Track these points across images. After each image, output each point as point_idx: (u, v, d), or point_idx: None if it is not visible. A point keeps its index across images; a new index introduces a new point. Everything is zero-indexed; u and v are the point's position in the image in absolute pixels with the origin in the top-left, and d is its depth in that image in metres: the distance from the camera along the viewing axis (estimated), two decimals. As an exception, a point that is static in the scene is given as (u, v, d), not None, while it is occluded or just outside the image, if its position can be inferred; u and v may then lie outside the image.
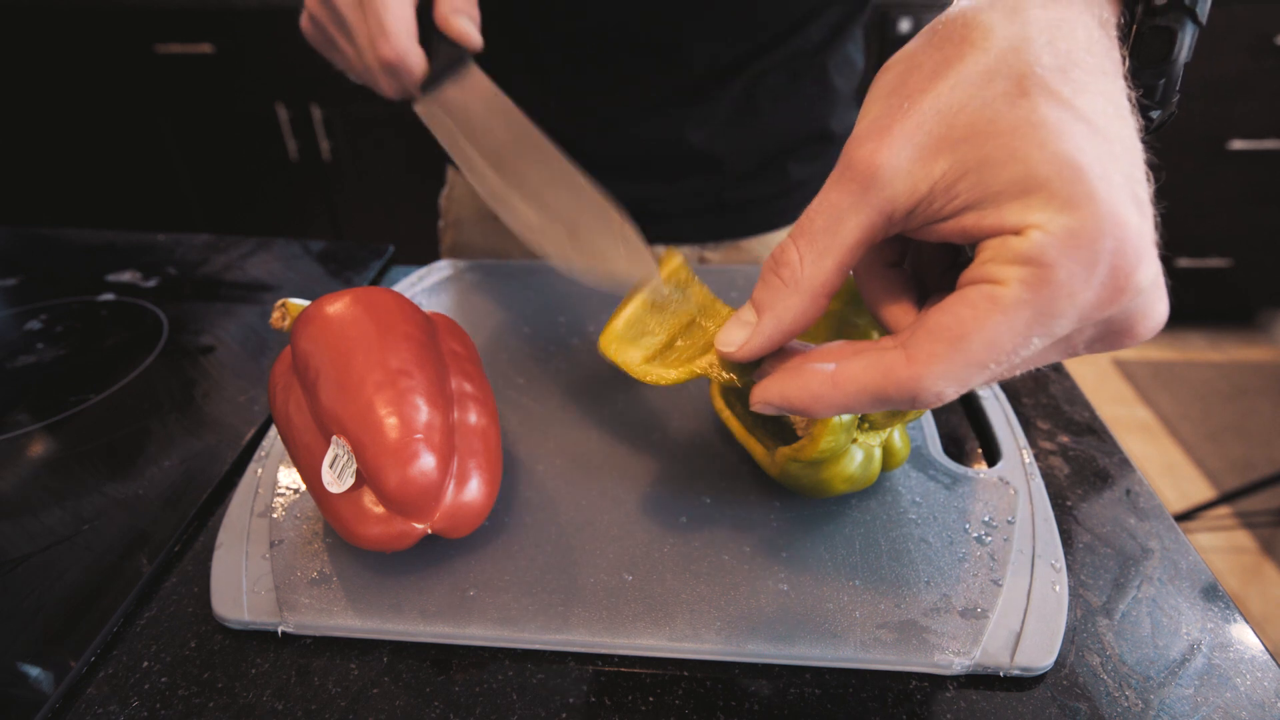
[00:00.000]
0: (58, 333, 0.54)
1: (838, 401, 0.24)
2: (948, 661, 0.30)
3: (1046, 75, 0.21)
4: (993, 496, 0.37)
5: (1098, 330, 0.22)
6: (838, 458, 0.33)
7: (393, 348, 0.33)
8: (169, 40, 1.78)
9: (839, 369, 0.24)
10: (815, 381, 0.24)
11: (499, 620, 0.32)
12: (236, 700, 0.30)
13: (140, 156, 1.96)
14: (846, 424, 0.31)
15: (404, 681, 0.30)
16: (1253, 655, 0.31)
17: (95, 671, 0.31)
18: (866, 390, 0.23)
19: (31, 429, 0.44)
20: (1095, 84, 0.21)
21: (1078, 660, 0.31)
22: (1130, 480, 0.40)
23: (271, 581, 0.33)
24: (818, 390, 0.24)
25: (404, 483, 0.30)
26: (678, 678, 0.30)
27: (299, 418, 0.33)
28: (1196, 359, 2.10)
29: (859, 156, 0.23)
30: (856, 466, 0.33)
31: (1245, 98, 1.80)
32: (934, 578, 0.33)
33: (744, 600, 0.32)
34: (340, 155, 1.93)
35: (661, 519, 0.36)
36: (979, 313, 0.21)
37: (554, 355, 0.49)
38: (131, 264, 0.62)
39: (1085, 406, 0.45)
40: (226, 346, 0.52)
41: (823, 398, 0.24)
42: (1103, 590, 0.34)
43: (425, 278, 0.58)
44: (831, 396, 0.24)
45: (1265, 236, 1.98)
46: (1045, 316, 0.20)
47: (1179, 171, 1.90)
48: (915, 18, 1.71)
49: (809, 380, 0.24)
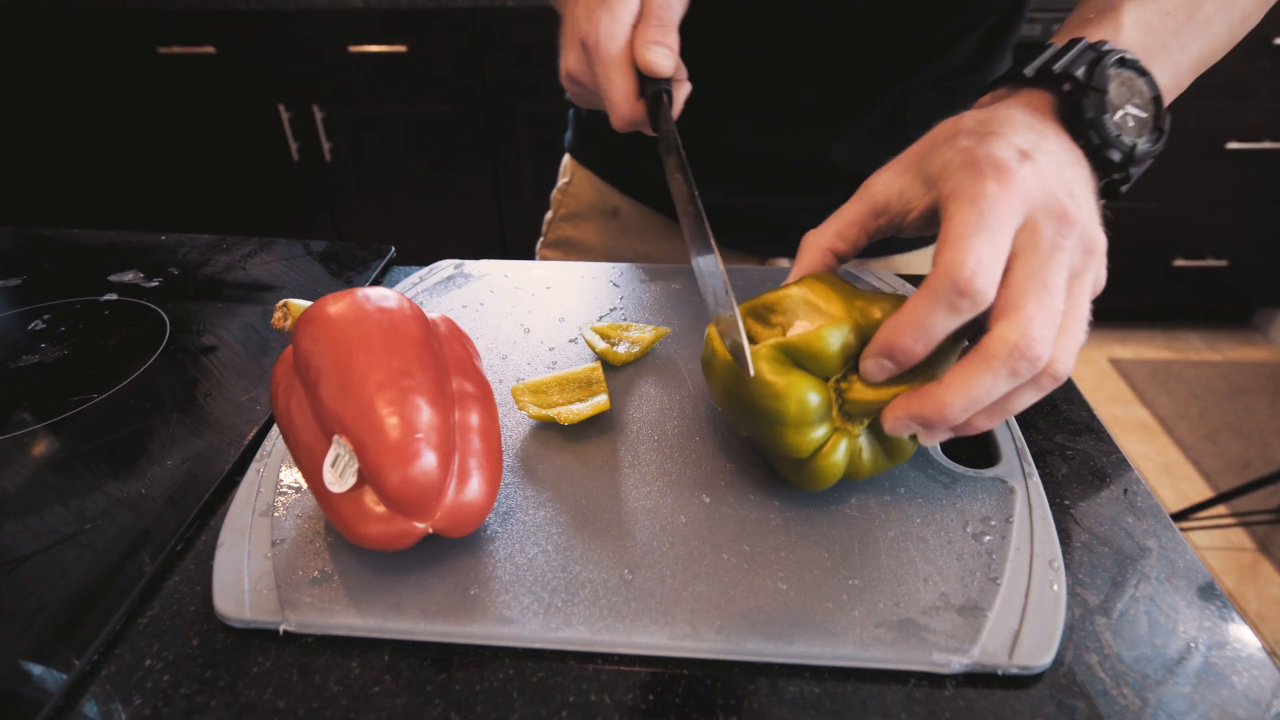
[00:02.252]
0: (61, 332, 0.54)
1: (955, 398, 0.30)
2: (946, 660, 0.30)
3: (966, 125, 0.34)
4: (991, 496, 0.37)
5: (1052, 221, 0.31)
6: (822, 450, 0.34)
7: (394, 348, 0.33)
8: (171, 42, 1.78)
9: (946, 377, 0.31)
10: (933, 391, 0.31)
11: (500, 619, 0.32)
12: (238, 699, 0.30)
13: (142, 157, 1.96)
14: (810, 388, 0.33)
15: (405, 680, 0.30)
16: (1250, 653, 0.31)
17: (98, 670, 0.31)
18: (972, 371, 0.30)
19: (34, 428, 0.44)
20: (1005, 129, 0.33)
21: (1076, 659, 0.31)
22: (1128, 479, 0.40)
23: (273, 580, 0.33)
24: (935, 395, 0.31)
25: (405, 482, 0.31)
26: (677, 676, 0.31)
27: (300, 417, 0.34)
28: (1194, 359, 2.10)
29: (868, 180, 0.37)
30: (840, 455, 0.34)
31: (1243, 98, 1.81)
32: (932, 576, 0.33)
33: (743, 599, 0.32)
34: (341, 156, 1.93)
35: (661, 519, 0.36)
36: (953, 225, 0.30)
37: (554, 355, 0.49)
38: (134, 264, 0.63)
39: (1083, 406, 0.46)
40: (228, 346, 0.52)
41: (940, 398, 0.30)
42: (1101, 589, 0.34)
43: (426, 278, 0.58)
44: (946, 395, 0.30)
45: (1263, 237, 1.98)
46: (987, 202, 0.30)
47: (1177, 172, 1.91)
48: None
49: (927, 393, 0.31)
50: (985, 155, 0.31)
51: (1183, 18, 0.40)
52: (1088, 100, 0.35)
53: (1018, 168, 0.31)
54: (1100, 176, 0.35)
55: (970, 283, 0.29)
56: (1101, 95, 0.35)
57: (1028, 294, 0.29)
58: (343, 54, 1.78)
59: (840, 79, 0.58)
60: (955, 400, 0.30)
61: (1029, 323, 0.29)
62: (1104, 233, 0.32)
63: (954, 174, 0.32)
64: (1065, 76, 0.35)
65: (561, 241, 0.75)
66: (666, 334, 0.50)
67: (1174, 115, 0.55)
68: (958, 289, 0.29)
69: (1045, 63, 0.36)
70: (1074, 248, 0.31)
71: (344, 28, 1.75)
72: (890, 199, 0.36)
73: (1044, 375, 0.30)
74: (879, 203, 0.36)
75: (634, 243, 0.70)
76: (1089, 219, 0.32)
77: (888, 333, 0.31)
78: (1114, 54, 0.36)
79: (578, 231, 0.73)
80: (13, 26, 1.77)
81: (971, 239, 0.29)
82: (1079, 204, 0.31)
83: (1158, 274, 2.06)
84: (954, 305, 0.30)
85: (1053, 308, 0.29)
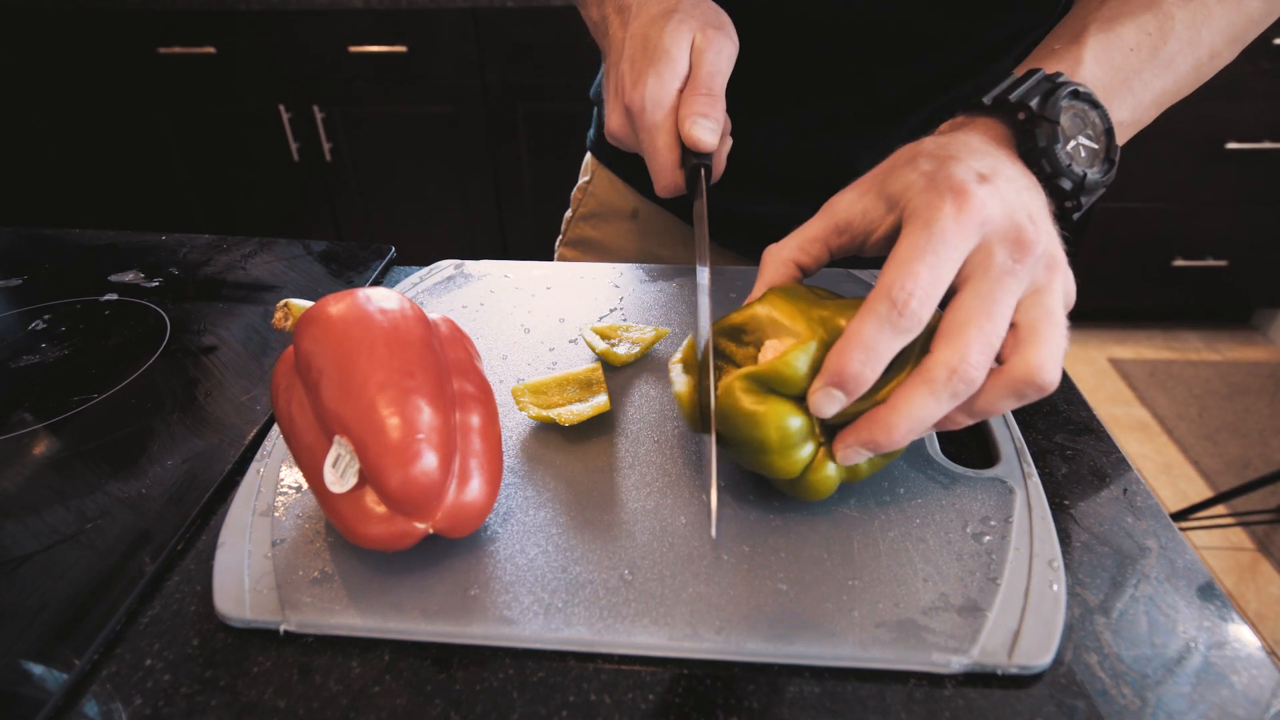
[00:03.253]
0: (61, 333, 0.54)
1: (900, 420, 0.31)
2: (946, 660, 0.30)
3: (926, 149, 0.35)
4: (991, 496, 0.37)
5: (1007, 246, 0.31)
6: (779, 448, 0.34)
7: (395, 348, 0.33)
8: (172, 42, 1.78)
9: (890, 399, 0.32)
10: (878, 415, 0.32)
11: (500, 619, 0.32)
12: (239, 698, 0.30)
13: (143, 157, 1.96)
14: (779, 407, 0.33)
15: (405, 680, 0.30)
16: (1249, 653, 0.31)
17: (98, 669, 0.31)
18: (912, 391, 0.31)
19: (35, 428, 0.44)
20: (963, 153, 0.34)
21: (1075, 659, 0.31)
22: (1127, 479, 0.40)
23: (273, 580, 0.33)
24: (881, 418, 0.31)
25: (406, 482, 0.31)
26: (677, 676, 0.31)
27: (301, 417, 0.34)
28: (1193, 359, 2.10)
29: (834, 196, 0.38)
30: (831, 470, 0.34)
31: (1243, 99, 1.81)
32: (932, 577, 0.33)
33: (743, 599, 0.32)
34: (342, 156, 1.93)
35: (661, 519, 0.36)
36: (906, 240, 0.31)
37: (554, 355, 0.49)
38: (134, 264, 0.63)
39: (1083, 406, 0.46)
40: (229, 346, 0.52)
41: (886, 421, 0.31)
42: (1100, 589, 0.34)
43: (426, 278, 0.58)
44: (891, 418, 0.31)
45: (1262, 237, 1.98)
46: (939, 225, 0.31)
47: (1176, 172, 1.91)
48: None
49: (872, 419, 0.32)
50: (945, 177, 0.32)
51: (1146, 54, 0.41)
52: (1040, 130, 0.36)
53: (975, 189, 0.31)
54: (1053, 204, 0.36)
55: (907, 304, 0.30)
56: (1054, 125, 0.36)
57: (970, 320, 0.30)
58: (343, 54, 1.78)
59: (872, 89, 0.57)
60: (900, 423, 0.31)
61: (968, 348, 0.30)
62: (1065, 250, 0.34)
63: (914, 195, 0.32)
64: (1020, 106, 0.36)
65: (580, 241, 0.75)
66: (666, 334, 0.50)
67: (1174, 115, 0.54)
68: (896, 310, 0.30)
69: (1002, 92, 0.37)
70: (1031, 270, 0.32)
71: (344, 28, 1.75)
72: (853, 218, 0.36)
73: (1029, 386, 0.31)
74: (841, 221, 0.37)
75: (652, 245, 0.69)
76: (1049, 240, 0.32)
77: (835, 361, 0.31)
78: (1068, 86, 0.37)
79: (596, 232, 0.73)
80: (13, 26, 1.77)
81: (915, 262, 0.30)
82: (1038, 227, 0.32)
83: (1158, 274, 2.06)
84: (895, 325, 0.30)
85: (993, 334, 0.31)
